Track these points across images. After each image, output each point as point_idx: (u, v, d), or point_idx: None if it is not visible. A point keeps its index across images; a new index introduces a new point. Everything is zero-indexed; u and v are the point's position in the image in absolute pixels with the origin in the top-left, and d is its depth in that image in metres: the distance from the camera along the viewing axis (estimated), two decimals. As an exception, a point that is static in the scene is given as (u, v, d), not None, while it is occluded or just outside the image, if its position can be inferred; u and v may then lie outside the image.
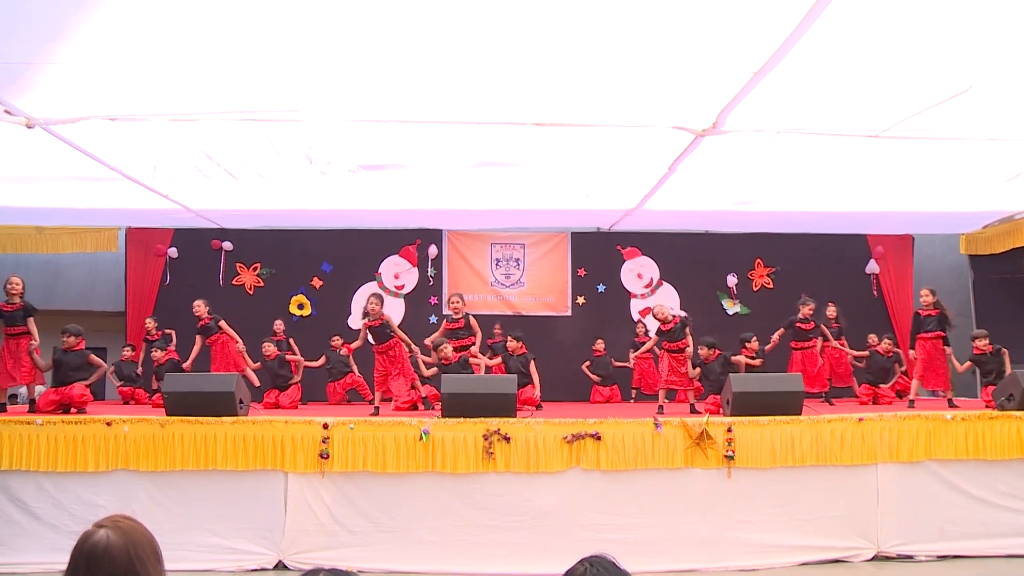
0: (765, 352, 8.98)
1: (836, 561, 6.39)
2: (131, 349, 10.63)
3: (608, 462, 6.36)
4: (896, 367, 9.94)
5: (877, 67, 5.01)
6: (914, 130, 6.09)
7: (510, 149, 6.82)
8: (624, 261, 12.13)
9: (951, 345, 8.45)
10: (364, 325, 7.97)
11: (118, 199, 8.49)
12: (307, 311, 11.79)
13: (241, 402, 6.74)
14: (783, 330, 9.44)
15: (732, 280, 12.09)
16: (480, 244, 12.03)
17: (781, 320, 9.60)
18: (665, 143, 6.55)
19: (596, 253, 12.06)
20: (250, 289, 11.81)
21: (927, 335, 8.43)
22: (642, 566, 6.07)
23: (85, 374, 7.61)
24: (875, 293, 12.13)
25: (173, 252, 11.67)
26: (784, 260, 12.04)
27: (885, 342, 9.97)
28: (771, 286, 12.06)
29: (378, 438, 6.35)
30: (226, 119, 5.91)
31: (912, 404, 8.23)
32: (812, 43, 4.54)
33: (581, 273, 12.03)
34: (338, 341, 10.42)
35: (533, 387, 8.67)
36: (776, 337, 9.35)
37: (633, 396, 10.95)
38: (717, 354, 8.36)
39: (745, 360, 8.54)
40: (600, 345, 11.07)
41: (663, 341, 8.37)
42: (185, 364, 9.09)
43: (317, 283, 11.82)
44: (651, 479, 6.39)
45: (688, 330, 8.27)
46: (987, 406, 7.35)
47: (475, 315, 9.01)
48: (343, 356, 10.28)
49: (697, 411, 7.65)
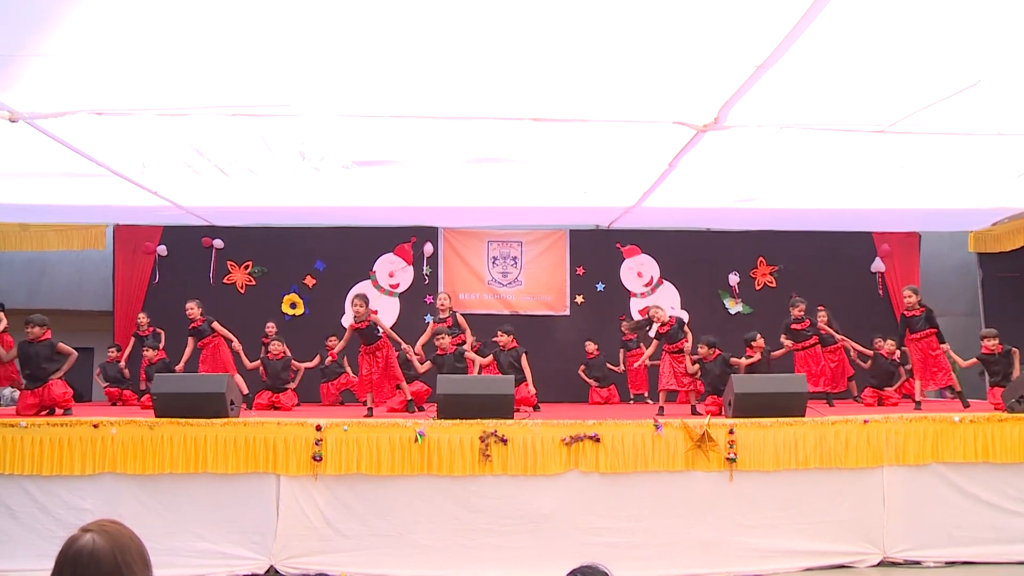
0: (771, 356, 8.85)
1: (841, 567, 6.30)
2: (117, 350, 10.46)
3: (607, 464, 6.27)
4: (901, 370, 9.80)
5: (883, 60, 4.91)
6: (921, 125, 5.97)
7: (507, 145, 6.72)
8: (624, 259, 11.97)
9: (946, 342, 8.28)
10: (350, 327, 7.85)
11: (106, 195, 8.33)
12: (300, 310, 11.64)
13: (232, 403, 6.64)
14: (784, 336, 9.34)
15: (734, 279, 11.93)
16: (476, 242, 11.87)
17: (783, 319, 9.51)
18: (665, 139, 6.45)
19: (595, 251, 11.90)
20: (241, 288, 11.65)
21: (917, 335, 8.31)
22: (642, 571, 6.05)
23: (56, 365, 7.32)
24: (880, 292, 11.97)
25: (162, 250, 11.49)
26: (787, 258, 11.88)
27: (889, 344, 9.83)
28: (774, 285, 11.89)
29: (372, 440, 6.26)
30: (216, 114, 5.78)
31: (919, 406, 8.11)
32: (816, 36, 4.43)
33: (580, 272, 11.87)
34: (334, 342, 10.27)
35: (527, 384, 8.45)
36: (788, 343, 9.28)
37: (632, 398, 10.82)
38: (717, 354, 8.25)
39: (746, 361, 8.42)
40: (592, 347, 10.92)
41: (662, 343, 8.25)
42: (177, 367, 8.96)
43: (310, 282, 11.67)
44: (651, 482, 6.30)
45: (686, 328, 8.14)
46: (995, 408, 7.24)
47: (472, 314, 8.94)
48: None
49: (698, 413, 7.56)
